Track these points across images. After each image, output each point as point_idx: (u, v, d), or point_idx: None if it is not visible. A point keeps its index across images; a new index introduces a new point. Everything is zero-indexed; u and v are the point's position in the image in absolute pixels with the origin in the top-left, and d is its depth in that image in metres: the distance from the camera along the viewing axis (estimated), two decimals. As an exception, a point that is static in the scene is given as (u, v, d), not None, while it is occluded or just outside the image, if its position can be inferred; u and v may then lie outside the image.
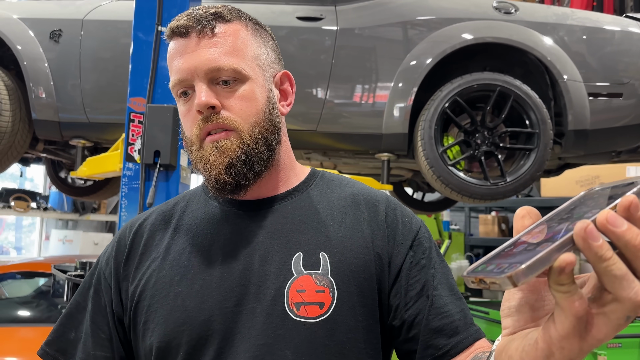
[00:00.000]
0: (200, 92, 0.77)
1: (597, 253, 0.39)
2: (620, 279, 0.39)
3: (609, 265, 0.39)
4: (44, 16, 2.93)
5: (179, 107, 0.83)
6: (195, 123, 0.79)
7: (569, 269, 0.40)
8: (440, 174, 2.65)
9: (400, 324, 0.78)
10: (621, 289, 0.40)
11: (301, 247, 0.79)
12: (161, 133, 2.05)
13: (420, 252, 0.81)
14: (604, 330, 0.42)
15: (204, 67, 0.77)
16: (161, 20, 2.17)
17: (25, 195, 6.77)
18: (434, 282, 0.79)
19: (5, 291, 3.77)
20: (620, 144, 2.97)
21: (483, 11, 2.87)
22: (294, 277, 0.76)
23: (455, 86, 2.68)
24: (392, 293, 0.79)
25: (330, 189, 0.88)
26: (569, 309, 0.41)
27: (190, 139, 0.81)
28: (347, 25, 2.84)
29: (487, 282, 0.41)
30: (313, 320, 0.74)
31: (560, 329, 0.42)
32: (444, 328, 0.76)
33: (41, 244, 7.92)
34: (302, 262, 0.77)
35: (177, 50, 0.80)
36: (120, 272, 0.84)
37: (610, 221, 0.39)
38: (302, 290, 0.75)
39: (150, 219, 0.89)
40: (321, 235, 0.80)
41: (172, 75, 0.80)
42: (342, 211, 0.84)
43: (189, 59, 0.78)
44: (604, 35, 2.89)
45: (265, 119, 0.82)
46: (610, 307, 0.41)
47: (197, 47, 0.78)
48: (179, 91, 0.81)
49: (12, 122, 2.81)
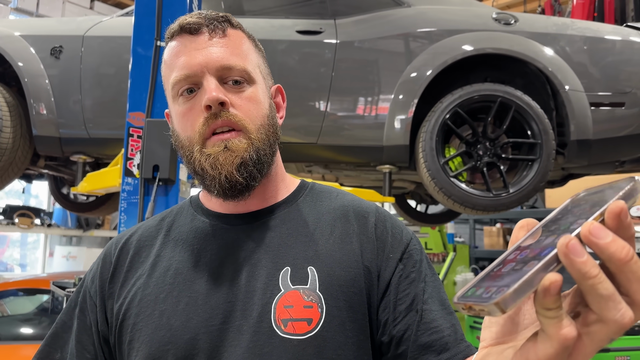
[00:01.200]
0: (211, 87, 0.75)
1: (580, 270, 0.36)
2: (606, 299, 0.37)
3: (594, 284, 0.37)
4: (45, 33, 2.95)
5: (177, 107, 0.80)
6: (199, 120, 0.76)
7: (554, 288, 0.37)
8: (443, 186, 2.63)
9: (389, 340, 0.75)
10: (607, 309, 0.37)
11: (289, 261, 0.76)
12: (160, 147, 2.05)
13: (410, 265, 0.78)
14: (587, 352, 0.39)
15: (216, 64, 0.77)
16: (160, 36, 2.18)
17: (29, 211, 6.78)
18: (424, 296, 0.76)
19: (7, 308, 3.75)
20: (624, 154, 2.94)
21: (483, 22, 2.87)
22: (282, 292, 0.73)
23: (456, 97, 2.67)
24: (381, 307, 0.76)
25: (319, 201, 0.86)
26: (555, 336, 0.38)
27: (190, 138, 0.78)
28: (346, 38, 2.85)
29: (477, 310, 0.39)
30: (301, 337, 0.71)
31: (542, 355, 0.39)
32: (433, 344, 0.72)
33: (45, 261, 7.92)
34: (289, 277, 0.75)
35: (185, 46, 0.78)
36: (106, 290, 0.82)
37: (594, 233, 0.37)
38: (289, 306, 0.72)
39: (137, 235, 0.87)
40: (309, 249, 0.78)
41: (177, 72, 0.78)
42: (331, 224, 0.82)
43: (199, 54, 0.77)
44: (605, 45, 2.88)
45: (269, 123, 0.81)
46: (594, 327, 0.38)
47: (209, 45, 0.77)
48: (182, 88, 0.78)
49: (13, 138, 2.81)
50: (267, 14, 3.05)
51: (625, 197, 0.39)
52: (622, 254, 0.36)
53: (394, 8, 2.96)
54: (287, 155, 2.95)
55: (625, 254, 0.36)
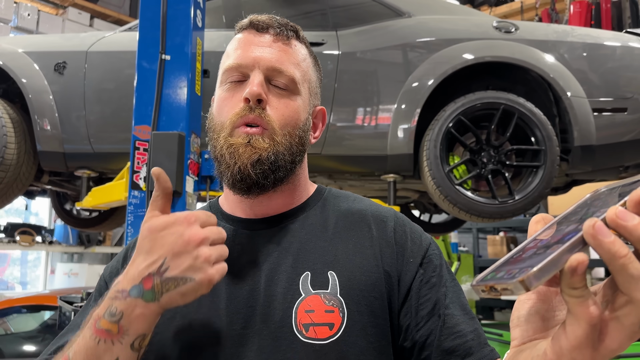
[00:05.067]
0: (255, 81, 0.78)
1: (610, 250, 0.37)
2: (637, 279, 0.37)
3: (625, 264, 0.37)
4: (48, 49, 2.97)
5: (220, 91, 0.82)
6: (236, 109, 0.79)
7: (581, 268, 0.38)
8: (448, 194, 2.63)
9: (412, 345, 0.74)
10: (637, 289, 0.37)
11: (309, 266, 0.76)
12: (166, 160, 2.05)
13: (430, 270, 0.78)
14: (617, 339, 0.40)
15: (268, 63, 0.79)
16: (165, 49, 2.19)
17: (30, 229, 6.77)
18: (445, 300, 0.76)
19: (11, 326, 3.73)
20: (628, 159, 2.95)
21: (483, 31, 2.89)
22: (302, 297, 0.73)
23: (459, 105, 2.68)
24: (402, 313, 0.76)
25: (337, 205, 0.86)
26: (582, 315, 0.39)
27: (222, 123, 0.80)
28: (348, 49, 2.86)
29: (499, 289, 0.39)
30: (323, 341, 0.71)
31: (572, 338, 0.40)
32: (457, 349, 0.72)
33: (47, 278, 7.88)
34: (310, 282, 0.75)
35: (248, 40, 0.82)
36: None
37: (620, 216, 0.37)
38: (310, 311, 0.72)
39: None
40: (329, 253, 0.78)
41: (231, 60, 0.81)
42: (350, 228, 0.82)
43: (257, 50, 0.80)
44: (605, 51, 2.90)
45: (298, 135, 0.82)
46: (624, 310, 0.39)
47: (270, 45, 0.81)
48: (231, 76, 0.81)
49: (18, 154, 2.81)
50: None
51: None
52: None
53: (395, 19, 2.98)
54: (291, 166, 2.96)
55: None
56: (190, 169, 2.17)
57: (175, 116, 2.16)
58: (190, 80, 2.21)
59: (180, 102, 2.17)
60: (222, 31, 2.97)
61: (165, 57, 2.19)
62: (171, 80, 2.19)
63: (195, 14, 2.29)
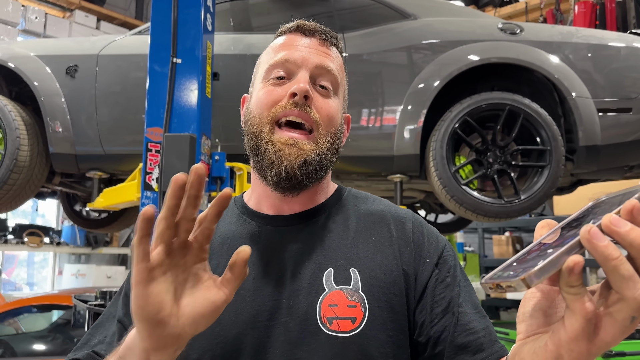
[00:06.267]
0: (303, 79, 0.81)
1: (603, 253, 0.42)
2: (627, 279, 0.42)
3: (616, 265, 0.42)
4: (60, 53, 3.02)
5: (263, 85, 0.84)
6: (279, 103, 0.81)
7: (577, 268, 0.43)
8: (454, 194, 2.66)
9: (426, 340, 0.78)
10: (627, 288, 0.42)
11: (332, 262, 0.80)
12: (178, 161, 2.09)
13: (445, 270, 0.82)
14: (611, 332, 0.44)
15: (315, 61, 0.83)
16: (176, 52, 2.23)
17: (38, 230, 6.83)
18: (459, 299, 0.79)
19: (22, 325, 3.78)
20: (633, 159, 2.97)
21: (489, 32, 2.92)
22: (326, 292, 0.77)
23: (465, 106, 2.71)
24: (418, 309, 0.80)
25: (357, 205, 0.90)
26: (578, 310, 0.44)
27: (261, 116, 0.82)
28: (355, 51, 2.90)
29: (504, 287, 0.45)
30: (346, 334, 0.74)
31: (570, 330, 0.45)
32: (469, 345, 0.76)
33: (54, 279, 7.94)
34: (333, 278, 0.78)
35: (295, 42, 0.85)
36: None
37: (614, 223, 0.42)
38: (334, 305, 0.76)
39: None
40: (351, 251, 0.81)
41: (278, 56, 0.83)
42: (370, 227, 0.85)
43: (304, 50, 0.84)
44: (609, 52, 2.92)
45: (337, 136, 0.86)
46: (616, 307, 0.43)
47: (316, 48, 0.85)
48: (275, 71, 0.83)
49: (30, 156, 2.86)
50: (275, 30, 3.10)
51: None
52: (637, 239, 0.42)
53: (401, 21, 3.01)
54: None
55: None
56: (201, 170, 2.21)
57: (186, 118, 2.20)
58: (200, 83, 2.25)
59: (191, 105, 2.22)
60: (230, 34, 3.02)
61: (177, 61, 2.23)
62: (182, 83, 2.24)
63: (206, 18, 2.33)
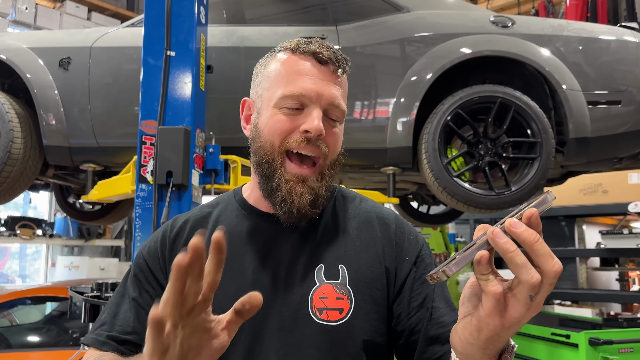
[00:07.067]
0: (317, 118, 0.86)
1: (502, 247, 0.56)
2: (521, 266, 0.55)
3: (513, 256, 0.55)
4: (52, 45, 3.01)
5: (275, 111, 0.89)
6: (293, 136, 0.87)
7: (483, 260, 0.57)
8: (446, 186, 2.69)
9: (402, 330, 0.88)
10: (522, 273, 0.55)
11: (322, 260, 0.89)
12: (173, 154, 2.11)
13: (422, 268, 0.92)
14: (517, 309, 0.57)
15: (328, 99, 0.88)
16: (170, 45, 2.24)
17: (30, 222, 6.81)
18: (433, 295, 0.89)
19: (16, 317, 3.79)
20: (621, 151, 3.02)
21: (481, 25, 2.94)
22: (317, 285, 0.86)
23: (457, 99, 2.74)
24: (396, 302, 0.90)
25: (346, 206, 0.98)
26: (489, 292, 0.57)
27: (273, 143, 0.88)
28: (348, 44, 2.91)
29: (435, 277, 0.59)
30: (334, 323, 0.84)
31: (485, 308, 0.58)
32: (440, 337, 0.85)
33: (47, 271, 7.93)
34: (323, 273, 0.87)
35: (310, 71, 0.89)
36: (167, 257, 0.92)
37: (512, 225, 0.56)
38: (324, 297, 0.85)
39: (190, 222, 0.96)
40: (340, 249, 0.90)
41: (294, 87, 0.87)
42: (357, 228, 0.94)
43: (320, 84, 0.88)
44: (600, 45, 2.95)
45: (339, 159, 0.94)
46: (518, 289, 0.56)
47: (329, 80, 0.89)
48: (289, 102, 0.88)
49: (24, 148, 2.86)
50: (269, 22, 3.11)
51: (537, 205, 0.58)
52: (530, 238, 0.55)
53: (394, 14, 3.02)
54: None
55: (533, 238, 0.56)
56: (195, 163, 2.22)
57: (180, 111, 2.21)
58: (194, 76, 2.26)
59: (186, 98, 2.23)
60: (224, 27, 3.02)
61: (170, 54, 2.24)
62: (176, 76, 2.24)
63: (199, 10, 2.33)
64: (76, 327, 3.31)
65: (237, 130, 3.35)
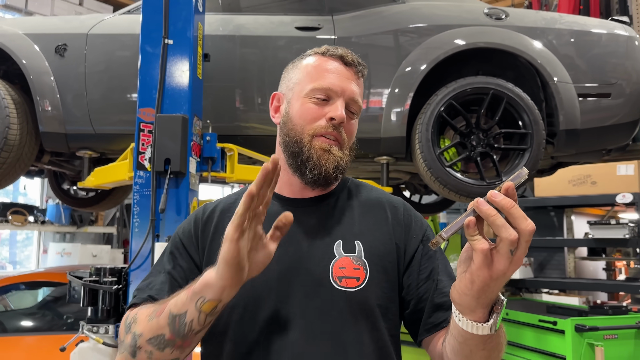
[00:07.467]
0: (342, 108, 1.04)
1: (485, 212, 0.71)
2: (500, 226, 0.70)
3: (494, 219, 0.70)
4: (48, 31, 3.00)
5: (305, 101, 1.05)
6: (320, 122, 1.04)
7: (471, 224, 0.72)
8: (439, 175, 2.74)
9: (411, 299, 1.04)
10: (501, 232, 0.70)
11: (341, 236, 1.04)
12: (171, 142, 2.13)
13: (428, 246, 1.06)
14: (501, 262, 0.72)
15: (350, 94, 1.06)
16: (167, 34, 2.25)
17: (22, 209, 6.79)
18: (438, 270, 1.05)
19: (10, 302, 3.81)
20: (610, 142, 3.08)
21: (475, 17, 2.97)
22: (336, 258, 1.01)
23: (450, 90, 2.78)
24: (406, 274, 1.05)
25: (359, 192, 1.14)
26: (477, 249, 0.72)
27: (303, 127, 1.04)
28: (344, 34, 2.94)
29: (434, 242, 0.76)
30: (352, 289, 0.99)
31: (475, 262, 0.73)
32: (444, 304, 1.00)
33: (39, 258, 7.93)
34: (342, 247, 1.02)
35: (337, 69, 1.06)
36: (199, 238, 1.07)
37: (492, 195, 0.71)
38: (343, 268, 1.00)
39: (219, 207, 1.12)
40: (356, 228, 1.05)
41: (323, 81, 1.04)
42: (370, 210, 1.10)
43: (344, 82, 1.05)
44: (591, 38, 3.00)
45: (353, 147, 1.10)
46: (500, 245, 0.71)
47: (352, 79, 1.07)
48: (318, 93, 1.04)
49: (20, 134, 2.87)
50: (265, 11, 3.12)
51: (513, 180, 0.72)
52: (507, 204, 0.70)
53: (389, 4, 3.05)
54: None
55: (509, 204, 0.70)
56: (193, 151, 2.25)
57: (178, 99, 2.23)
58: (192, 64, 2.28)
59: (183, 86, 2.25)
60: (219, 15, 3.03)
61: (168, 42, 2.25)
62: (174, 64, 2.26)
63: (197, 0, 2.35)
64: (70, 312, 3.34)
65: (232, 118, 3.36)
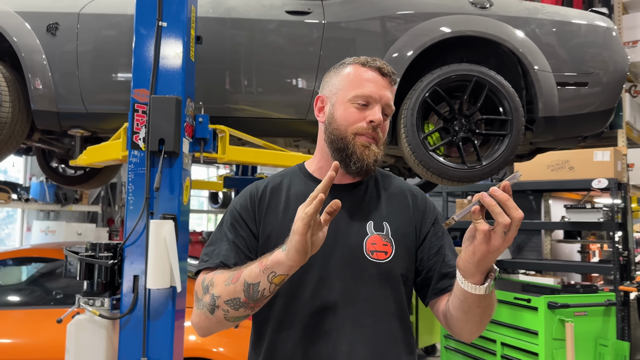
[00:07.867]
0: (379, 112, 1.25)
1: (488, 202, 0.95)
2: (498, 213, 0.95)
3: (494, 208, 0.95)
4: (40, 9, 3.01)
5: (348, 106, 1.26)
6: (361, 123, 1.25)
7: (476, 211, 0.97)
8: (422, 159, 2.84)
9: (422, 269, 1.30)
10: (498, 217, 0.95)
11: (371, 217, 1.27)
12: (165, 122, 2.20)
13: (437, 228, 1.34)
14: (496, 240, 0.97)
15: (386, 100, 1.27)
16: (162, 16, 2.30)
17: (5, 186, 6.77)
18: (445, 247, 1.31)
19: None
20: (586, 129, 3.21)
21: (460, 6, 3.06)
22: (368, 235, 1.25)
23: (435, 77, 2.87)
24: (419, 250, 1.30)
25: (385, 181, 1.37)
26: (479, 229, 0.97)
27: (346, 127, 1.25)
28: (333, 19, 3.00)
29: (447, 223, 1.01)
30: (382, 261, 1.23)
31: (478, 239, 0.98)
32: (449, 274, 1.26)
33: (23, 235, 7.92)
34: (373, 227, 1.26)
35: (376, 79, 1.27)
36: (256, 211, 1.29)
37: (493, 190, 0.95)
38: (374, 243, 1.24)
39: (269, 187, 1.33)
40: (383, 211, 1.30)
41: (364, 89, 1.25)
42: (394, 196, 1.34)
43: (381, 90, 1.27)
44: (571, 28, 3.11)
45: (385, 142, 1.31)
46: (496, 227, 0.96)
47: (387, 87, 1.28)
48: (360, 100, 1.25)
49: (12, 112, 2.90)
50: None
51: (509, 180, 0.97)
52: (504, 197, 0.95)
53: (378, -9, 3.11)
54: (276, 130, 3.12)
55: (505, 197, 0.95)
56: (186, 131, 2.32)
57: (172, 81, 2.29)
58: (185, 47, 2.33)
59: (177, 68, 2.30)
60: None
61: (162, 24, 2.30)
62: (168, 46, 2.31)
63: (190, -17, 2.39)
64: (64, 287, 3.41)
65: (223, 100, 3.41)
